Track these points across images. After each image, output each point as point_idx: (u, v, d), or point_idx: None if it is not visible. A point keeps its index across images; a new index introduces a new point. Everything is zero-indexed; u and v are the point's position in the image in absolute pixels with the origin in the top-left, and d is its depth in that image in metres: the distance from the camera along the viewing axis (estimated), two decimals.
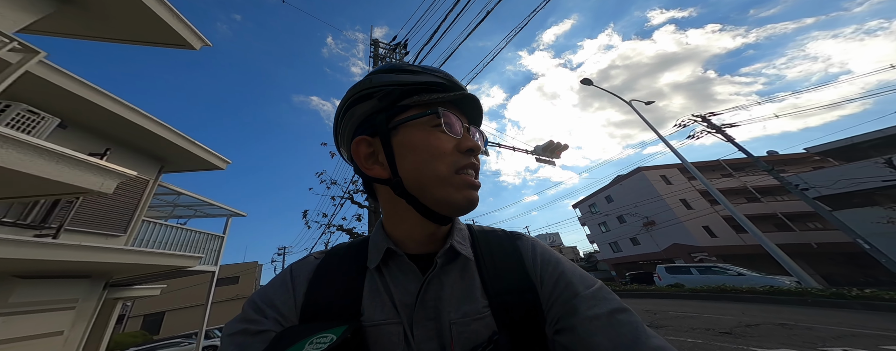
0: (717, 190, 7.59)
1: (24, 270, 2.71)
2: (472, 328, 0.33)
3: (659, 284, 10.83)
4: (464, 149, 0.36)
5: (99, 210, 3.45)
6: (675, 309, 6.66)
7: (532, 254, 0.40)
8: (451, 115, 0.37)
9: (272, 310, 0.33)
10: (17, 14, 1.80)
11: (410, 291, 0.35)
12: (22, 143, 1.28)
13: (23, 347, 2.69)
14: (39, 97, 2.82)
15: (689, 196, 18.95)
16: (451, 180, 0.35)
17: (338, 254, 0.41)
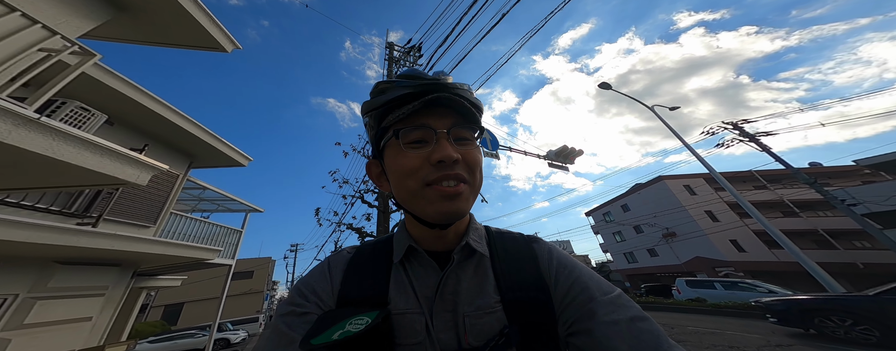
0: (749, 203, 7.08)
1: (64, 256, 2.92)
2: (484, 321, 0.35)
3: (678, 298, 10.33)
4: (434, 161, 0.36)
5: (134, 201, 3.68)
6: (695, 324, 6.37)
7: (548, 257, 0.41)
8: (419, 128, 0.37)
9: (314, 296, 0.38)
10: (80, 21, 2.02)
11: (430, 284, 0.39)
12: (73, 137, 1.39)
13: (53, 331, 2.85)
14: (91, 95, 3.11)
15: (716, 208, 17.86)
16: (423, 194, 0.37)
17: (367, 249, 0.45)
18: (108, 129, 3.46)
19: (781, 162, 8.29)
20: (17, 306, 2.67)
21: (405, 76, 0.40)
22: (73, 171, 1.46)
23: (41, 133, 1.29)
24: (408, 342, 0.35)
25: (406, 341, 0.35)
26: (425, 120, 0.38)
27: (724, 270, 15.62)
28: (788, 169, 8.28)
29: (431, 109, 0.38)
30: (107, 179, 1.54)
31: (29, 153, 1.24)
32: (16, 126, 1.22)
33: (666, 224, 19.23)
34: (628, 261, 23.37)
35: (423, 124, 0.37)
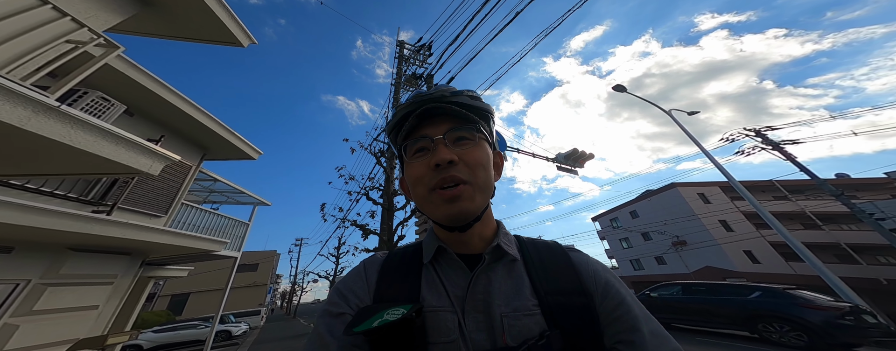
0: (769, 213, 6.82)
1: (78, 243, 2.99)
2: (522, 323, 0.36)
3: None
4: (431, 166, 0.40)
5: (147, 191, 3.77)
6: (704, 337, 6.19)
7: (592, 269, 0.43)
8: (420, 140, 0.42)
9: (352, 295, 0.41)
10: (108, 15, 2.08)
11: (460, 284, 0.40)
12: (90, 126, 1.41)
13: (59, 318, 2.88)
14: (113, 86, 3.18)
15: (732, 217, 17.33)
16: (430, 199, 0.40)
17: (398, 253, 0.48)
18: (127, 119, 3.55)
19: (807, 172, 7.96)
20: (28, 292, 2.73)
21: (409, 98, 0.45)
22: (89, 159, 1.48)
23: (60, 121, 1.31)
24: (441, 340, 0.35)
25: (439, 340, 0.36)
26: (423, 131, 0.42)
27: (736, 281, 15.19)
28: (814, 180, 7.95)
29: (428, 121, 0.43)
30: (121, 168, 1.56)
31: (47, 140, 1.25)
32: (35, 113, 1.23)
33: (676, 232, 18.78)
34: (634, 268, 22.95)
35: (422, 135, 0.42)
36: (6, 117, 1.10)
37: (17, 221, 2.23)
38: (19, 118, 1.15)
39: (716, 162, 8.01)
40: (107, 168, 1.55)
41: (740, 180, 15.65)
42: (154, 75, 3.35)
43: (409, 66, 6.33)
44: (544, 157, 6.94)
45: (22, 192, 2.73)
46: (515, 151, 6.38)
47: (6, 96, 1.09)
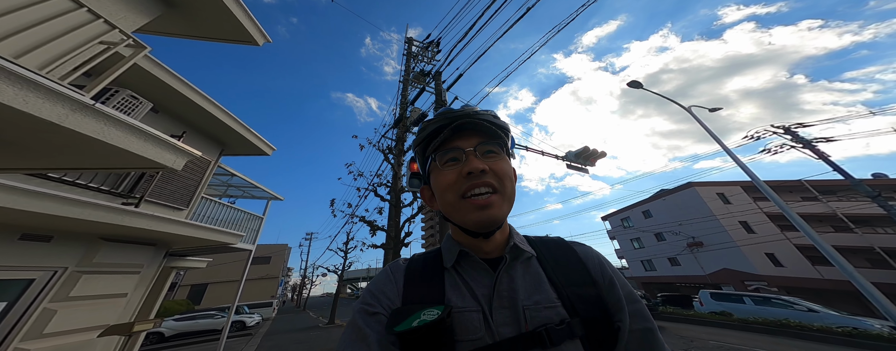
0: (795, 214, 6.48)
1: (109, 233, 3.19)
2: (543, 314, 0.40)
3: (699, 310, 9.92)
4: (464, 174, 0.43)
5: (170, 185, 3.96)
6: (718, 339, 6.12)
7: (598, 262, 0.48)
8: (452, 151, 0.46)
9: (384, 297, 0.44)
10: (136, 16, 2.18)
11: (486, 283, 0.43)
12: (121, 123, 1.49)
13: (92, 305, 3.08)
14: (140, 85, 3.35)
15: (754, 219, 16.59)
16: (459, 206, 0.44)
17: (419, 259, 0.51)
18: (153, 116, 3.72)
19: (840, 172, 7.48)
20: (65, 279, 2.94)
21: (440, 114, 0.49)
22: (120, 154, 1.56)
23: (94, 118, 1.39)
24: (468, 338, 0.38)
25: (466, 337, 0.38)
26: (455, 143, 0.47)
27: (755, 284, 14.58)
28: (848, 180, 7.47)
29: (460, 134, 0.47)
30: (148, 163, 1.64)
31: (82, 136, 1.33)
32: (72, 111, 1.31)
33: (692, 233, 18.14)
34: (646, 269, 22.41)
35: (454, 147, 0.46)
36: (46, 114, 1.17)
37: (56, 212, 2.42)
38: (58, 115, 1.23)
39: (738, 160, 7.64)
40: (135, 163, 1.63)
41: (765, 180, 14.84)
42: (178, 74, 3.52)
43: (417, 63, 6.31)
44: (553, 155, 6.81)
45: (60, 184, 2.92)
46: (523, 149, 6.30)
47: (46, 95, 1.17)
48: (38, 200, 2.34)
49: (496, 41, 4.56)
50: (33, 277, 2.74)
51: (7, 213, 2.31)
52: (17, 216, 2.40)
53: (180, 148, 1.85)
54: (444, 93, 5.15)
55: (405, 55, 6.23)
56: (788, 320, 6.91)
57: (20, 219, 2.48)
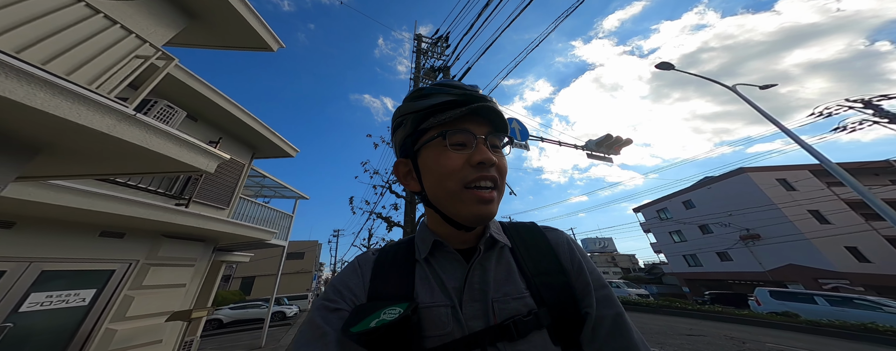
0: (882, 202, 5.41)
1: (168, 230, 3.64)
2: (511, 306, 0.39)
3: (755, 310, 8.86)
4: (474, 163, 0.40)
5: (213, 186, 4.40)
6: (779, 342, 5.42)
7: (567, 248, 0.46)
8: (462, 132, 0.42)
9: (348, 291, 0.42)
10: (164, 30, 2.41)
11: (458, 276, 0.42)
12: (160, 131, 1.65)
13: (159, 293, 3.55)
14: (176, 95, 3.75)
15: (826, 207, 14.26)
16: (461, 196, 0.40)
17: (389, 250, 0.48)
18: (191, 124, 4.15)
19: None
20: (138, 270, 3.42)
21: (443, 84, 0.45)
22: (161, 160, 1.73)
23: (137, 127, 1.54)
24: (436, 333, 0.37)
25: (434, 333, 0.37)
26: (466, 125, 0.42)
27: (833, 282, 12.55)
28: None
29: (473, 117, 0.43)
30: (185, 167, 1.80)
31: (129, 144, 1.49)
32: (119, 121, 1.47)
33: (745, 224, 16.11)
34: (689, 264, 20.44)
35: (466, 129, 0.42)
36: (97, 125, 1.32)
37: (125, 212, 2.82)
38: (107, 126, 1.38)
39: (800, 141, 6.53)
40: (175, 167, 1.80)
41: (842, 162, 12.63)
42: (210, 85, 3.88)
43: (427, 60, 6.27)
44: (572, 145, 6.44)
45: (125, 188, 3.38)
46: (539, 140, 6.04)
47: (96, 107, 1.31)
48: (110, 202, 2.74)
49: (503, 31, 4.36)
50: (114, 269, 3.22)
51: (88, 214, 2.72)
52: (96, 217, 2.82)
53: (211, 152, 2.02)
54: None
55: (415, 53, 6.22)
56: (876, 324, 5.95)
57: (98, 219, 2.92)
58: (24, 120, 1.18)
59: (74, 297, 2.89)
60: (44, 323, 2.69)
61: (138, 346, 3.34)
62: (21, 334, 2.54)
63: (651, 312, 9.94)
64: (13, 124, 1.20)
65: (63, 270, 2.83)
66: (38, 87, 1.14)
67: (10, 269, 2.51)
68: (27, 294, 2.58)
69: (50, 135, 1.32)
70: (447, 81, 0.45)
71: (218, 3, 2.71)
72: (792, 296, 8.58)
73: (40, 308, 2.66)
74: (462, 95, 0.42)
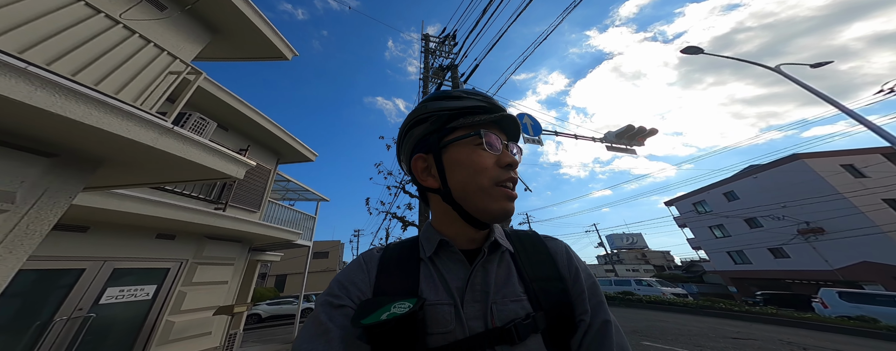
0: None
1: (210, 232, 3.99)
2: (509, 308, 0.40)
3: (821, 313, 7.98)
4: (503, 164, 0.44)
5: (245, 191, 4.76)
6: (848, 347, 4.79)
7: (566, 256, 0.48)
8: (492, 134, 0.45)
9: (354, 287, 0.43)
10: (191, 46, 2.62)
11: (461, 277, 0.43)
12: (195, 142, 1.79)
13: (205, 290, 3.92)
14: (208, 107, 4.10)
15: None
16: (491, 192, 0.42)
17: (394, 249, 0.49)
18: (223, 133, 4.51)
19: None
20: (188, 268, 3.80)
21: (469, 92, 0.49)
22: (198, 168, 1.89)
23: (176, 139, 1.69)
24: (439, 331, 0.38)
25: (437, 330, 0.38)
26: (495, 130, 0.46)
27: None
28: None
29: (500, 124, 0.48)
30: (218, 174, 1.94)
31: (170, 155, 1.64)
32: (161, 135, 1.62)
33: (802, 217, 14.29)
34: (735, 261, 18.61)
35: (497, 133, 0.46)
36: (143, 139, 1.46)
37: (176, 217, 3.14)
38: (151, 139, 1.52)
39: (865, 121, 5.58)
40: (210, 175, 1.96)
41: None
42: (236, 95, 4.19)
43: (435, 59, 6.28)
44: (589, 138, 6.14)
45: (174, 195, 3.76)
46: (553, 135, 5.82)
47: (141, 123, 1.45)
48: (162, 208, 3.06)
49: (510, 25, 4.25)
50: (169, 267, 3.61)
51: (145, 218, 3.07)
52: (152, 221, 3.17)
53: (239, 159, 2.16)
54: (460, 85, 5.06)
55: (423, 53, 6.24)
56: None
57: (154, 223, 3.27)
58: (83, 137, 1.33)
59: (140, 291, 3.28)
60: (119, 314, 3.09)
61: (192, 337, 3.72)
62: (103, 324, 2.93)
63: (691, 313, 9.16)
64: (75, 142, 1.37)
65: (130, 267, 3.22)
66: (93, 106, 1.28)
67: (88, 267, 2.89)
68: (104, 289, 2.97)
69: (105, 149, 1.48)
70: (469, 92, 0.49)
71: (238, 18, 2.91)
72: (868, 298, 7.53)
73: (115, 301, 3.05)
74: (489, 104, 0.47)
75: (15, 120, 1.17)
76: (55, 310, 2.64)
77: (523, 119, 4.77)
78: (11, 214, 1.21)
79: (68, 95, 1.21)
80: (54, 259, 2.67)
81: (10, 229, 1.20)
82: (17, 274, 1.23)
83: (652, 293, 12.29)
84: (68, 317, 2.68)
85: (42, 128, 1.23)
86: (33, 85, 1.12)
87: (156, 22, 2.37)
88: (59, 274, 2.72)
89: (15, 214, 1.22)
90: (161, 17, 2.43)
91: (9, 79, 1.06)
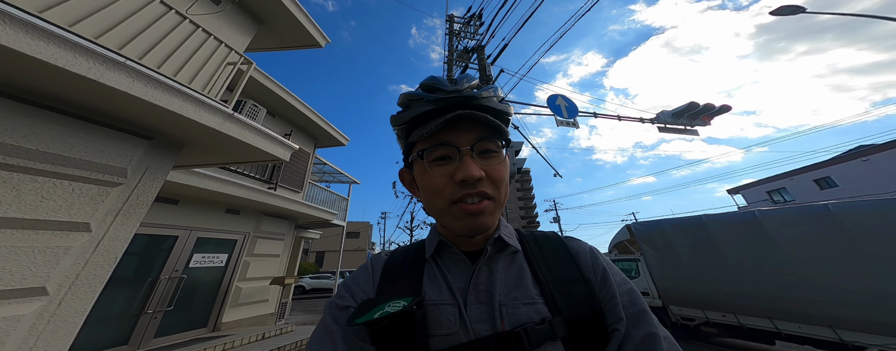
0: None
1: (265, 209, 4.62)
2: (521, 311, 0.38)
3: None
4: (457, 180, 0.38)
5: (290, 173, 5.35)
6: None
7: (591, 256, 0.45)
8: (442, 146, 0.40)
9: (358, 289, 0.44)
10: (243, 37, 2.92)
11: (463, 276, 0.42)
12: (252, 127, 2.04)
13: (263, 261, 4.61)
14: (258, 95, 4.61)
15: None
16: (450, 211, 0.40)
17: (401, 252, 0.50)
18: (271, 119, 5.06)
19: None
20: (250, 240, 4.50)
21: (426, 87, 0.43)
22: (254, 151, 2.17)
23: (237, 124, 1.94)
24: (441, 332, 0.37)
25: (440, 331, 0.37)
26: (448, 137, 0.40)
27: None
28: None
29: (455, 125, 0.40)
30: (269, 156, 2.21)
31: (230, 138, 1.89)
32: (225, 120, 1.86)
33: None
34: None
35: (446, 142, 0.40)
36: (210, 123, 1.70)
37: (240, 194, 3.71)
38: (217, 124, 1.76)
39: None
40: (262, 157, 2.23)
41: None
42: (281, 84, 4.66)
43: (460, 41, 6.04)
44: (637, 119, 5.47)
45: (237, 174, 4.40)
46: (592, 116, 5.30)
47: (210, 109, 1.69)
48: (229, 186, 3.63)
49: (542, 2, 3.81)
50: (235, 238, 4.31)
51: (218, 195, 3.67)
52: (222, 197, 3.78)
53: (286, 144, 2.41)
54: (488, 67, 4.82)
55: (447, 35, 6.03)
56: None
57: (224, 199, 3.90)
58: (167, 122, 1.61)
59: (216, 259, 4.02)
60: (202, 277, 3.84)
61: (254, 302, 4.49)
62: (192, 284, 3.68)
63: None
64: (163, 126, 1.65)
65: (209, 237, 3.94)
66: (173, 94, 1.52)
67: (180, 234, 3.60)
68: (191, 255, 3.70)
69: (184, 133, 1.76)
70: (432, 82, 0.43)
71: (278, 8, 3.15)
72: None
73: (200, 266, 3.79)
74: (441, 101, 0.40)
75: (120, 107, 1.45)
76: (160, 269, 3.37)
77: (556, 101, 4.47)
78: (125, 187, 1.54)
79: (155, 86, 1.45)
80: (157, 226, 3.38)
81: (126, 199, 1.53)
82: (134, 236, 1.58)
83: None
84: (169, 276, 3.40)
85: (139, 114, 1.51)
86: (131, 77, 1.37)
87: (213, 16, 2.66)
88: (161, 239, 3.44)
89: (128, 187, 1.55)
90: (217, 10, 2.71)
91: (114, 73, 1.31)
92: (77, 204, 1.35)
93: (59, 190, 1.31)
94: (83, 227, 1.36)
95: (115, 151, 1.49)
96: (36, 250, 1.22)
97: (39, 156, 1.26)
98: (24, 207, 1.21)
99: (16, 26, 1.06)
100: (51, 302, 1.25)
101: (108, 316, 2.91)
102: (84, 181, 1.38)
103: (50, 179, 1.29)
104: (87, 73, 1.22)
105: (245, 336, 3.64)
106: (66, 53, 1.17)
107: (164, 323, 3.30)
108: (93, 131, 1.43)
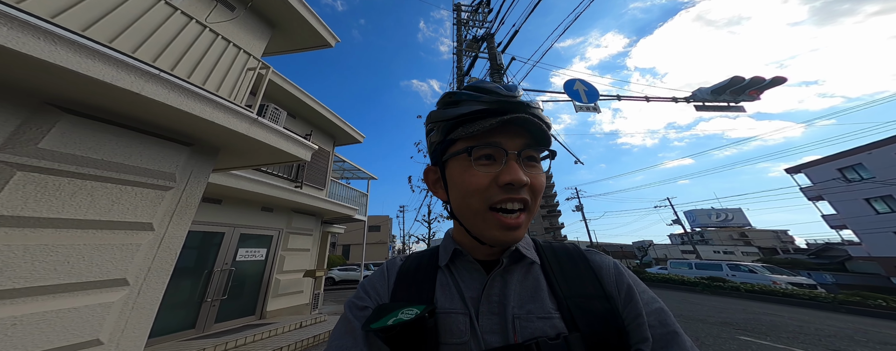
0: None
1: (294, 206, 4.96)
2: (535, 325, 0.37)
3: None
4: (502, 183, 0.38)
5: (313, 172, 5.67)
6: None
7: (615, 270, 0.44)
8: (490, 147, 0.39)
9: (374, 292, 0.46)
10: (259, 43, 3.06)
11: (476, 286, 0.42)
12: (275, 130, 2.17)
13: (295, 255, 4.98)
14: (278, 98, 4.86)
15: None
16: (485, 217, 0.39)
17: (415, 257, 0.51)
18: (292, 121, 5.33)
19: None
20: (283, 236, 4.89)
21: (477, 89, 0.43)
22: (278, 153, 2.32)
23: (261, 128, 2.08)
24: (452, 341, 0.37)
25: (451, 340, 0.37)
26: (498, 138, 0.40)
27: None
28: None
29: (506, 128, 0.40)
30: (291, 157, 2.36)
31: (256, 141, 2.04)
32: (251, 125, 2.01)
33: None
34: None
35: (495, 143, 0.39)
36: (238, 128, 1.84)
37: (272, 194, 4.03)
38: (244, 128, 1.91)
39: None
40: (286, 158, 2.38)
41: None
42: (298, 86, 4.89)
43: (468, 30, 5.84)
44: (668, 99, 5.06)
45: (268, 175, 4.75)
46: (615, 99, 4.96)
47: (236, 115, 1.83)
48: (263, 186, 3.94)
49: None
50: (271, 234, 4.71)
51: (254, 194, 4.00)
52: (257, 196, 4.11)
53: (306, 144, 2.54)
54: (498, 56, 4.65)
55: (455, 24, 5.86)
56: None
57: (259, 198, 4.24)
58: (202, 128, 1.77)
59: (257, 253, 4.43)
60: (248, 269, 4.27)
61: (291, 293, 4.92)
62: (240, 276, 4.11)
63: (820, 308, 7.46)
64: (200, 133, 1.82)
65: (250, 233, 4.34)
66: (204, 103, 1.66)
67: (226, 231, 4.01)
68: (237, 249, 4.11)
69: (217, 139, 1.93)
70: (483, 84, 0.43)
71: (291, 12, 3.28)
72: None
73: (244, 259, 4.20)
74: (495, 103, 0.40)
75: (161, 117, 1.62)
76: (213, 262, 3.81)
77: (574, 85, 4.23)
78: (176, 190, 1.73)
79: (188, 95, 1.59)
80: (206, 224, 3.78)
81: (178, 201, 1.73)
82: (189, 234, 1.79)
83: (755, 281, 10.30)
84: (221, 268, 3.83)
85: (177, 122, 1.68)
86: (166, 88, 1.51)
87: (230, 23, 2.81)
88: (211, 236, 3.86)
89: (178, 190, 1.74)
90: (232, 17, 2.85)
91: (153, 85, 1.45)
92: (140, 206, 1.55)
93: (125, 195, 1.51)
94: (147, 226, 1.57)
95: (163, 158, 1.68)
96: (115, 247, 1.44)
97: (105, 165, 1.46)
98: (99, 210, 1.42)
99: (65, 46, 1.20)
100: (132, 291, 1.47)
101: (176, 304, 3.36)
102: (143, 186, 1.58)
103: (116, 186, 1.49)
104: (131, 87, 1.36)
105: (286, 324, 4.03)
106: (111, 69, 1.31)
107: (221, 310, 3.75)
108: (144, 141, 1.62)
